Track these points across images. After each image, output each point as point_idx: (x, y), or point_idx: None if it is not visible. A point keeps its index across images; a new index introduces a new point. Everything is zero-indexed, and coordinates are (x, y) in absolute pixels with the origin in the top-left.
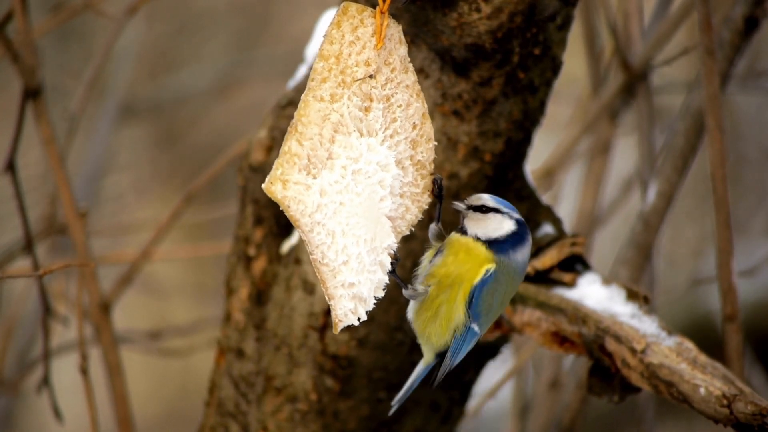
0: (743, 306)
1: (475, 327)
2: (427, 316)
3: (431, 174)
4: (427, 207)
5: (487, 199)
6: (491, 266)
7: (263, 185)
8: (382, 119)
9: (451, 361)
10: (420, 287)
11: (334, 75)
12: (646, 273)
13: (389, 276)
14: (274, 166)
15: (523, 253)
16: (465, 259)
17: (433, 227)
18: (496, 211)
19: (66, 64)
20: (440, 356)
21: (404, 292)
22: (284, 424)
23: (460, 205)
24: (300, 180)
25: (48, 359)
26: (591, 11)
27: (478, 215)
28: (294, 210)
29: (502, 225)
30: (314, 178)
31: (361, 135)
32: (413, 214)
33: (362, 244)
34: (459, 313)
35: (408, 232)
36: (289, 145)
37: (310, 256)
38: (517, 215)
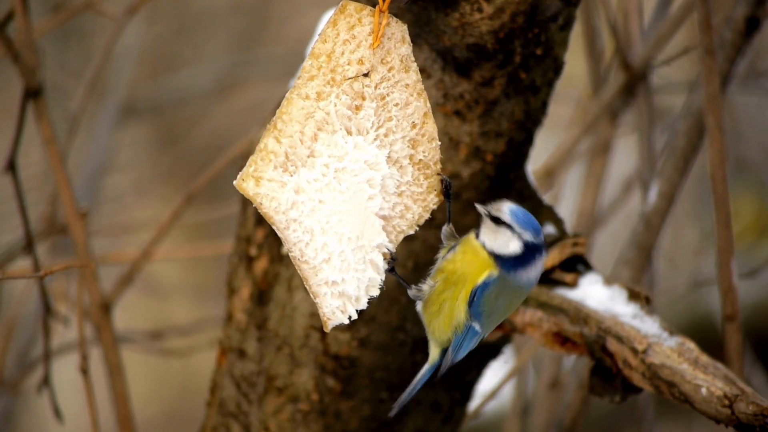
0: (743, 306)
1: (476, 326)
2: (433, 310)
3: (437, 174)
4: (434, 207)
5: (505, 211)
6: (495, 272)
7: (234, 182)
8: (374, 118)
9: (453, 357)
10: (424, 287)
11: (323, 73)
12: (646, 273)
13: (391, 275)
14: (247, 163)
15: (527, 273)
16: (472, 259)
17: (445, 228)
18: (508, 227)
19: (66, 64)
20: (444, 354)
21: (409, 292)
22: (286, 424)
23: (481, 210)
24: (274, 177)
25: (48, 359)
26: (591, 11)
27: (492, 225)
28: (267, 207)
29: (509, 244)
30: (291, 175)
31: (349, 133)
32: (415, 213)
33: (345, 242)
34: (460, 311)
35: (411, 232)
36: (266, 142)
37: (289, 254)
38: (529, 236)
